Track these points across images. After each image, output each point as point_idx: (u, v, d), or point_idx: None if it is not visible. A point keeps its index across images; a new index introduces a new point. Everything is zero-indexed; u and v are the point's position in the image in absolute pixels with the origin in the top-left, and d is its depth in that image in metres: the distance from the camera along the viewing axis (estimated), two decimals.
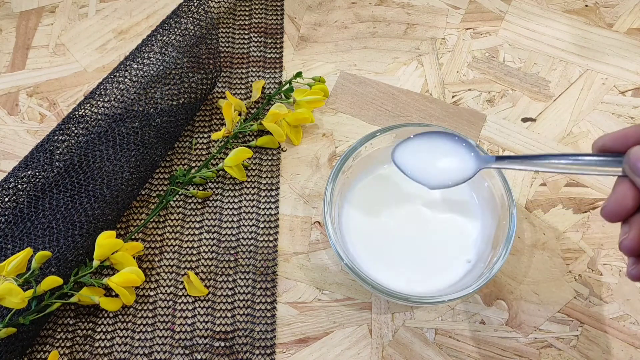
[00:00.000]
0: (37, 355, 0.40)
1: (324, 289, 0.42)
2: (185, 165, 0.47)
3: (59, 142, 0.42)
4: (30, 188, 0.40)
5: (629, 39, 0.53)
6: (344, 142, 0.49)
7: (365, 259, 0.41)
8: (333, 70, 0.52)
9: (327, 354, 0.40)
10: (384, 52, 0.53)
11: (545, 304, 0.42)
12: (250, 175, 0.47)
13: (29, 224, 0.39)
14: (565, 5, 0.56)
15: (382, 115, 0.50)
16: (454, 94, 0.51)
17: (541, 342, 0.40)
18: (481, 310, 0.42)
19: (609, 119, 0.49)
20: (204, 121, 0.50)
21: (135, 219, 0.45)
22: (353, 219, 0.43)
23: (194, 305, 0.42)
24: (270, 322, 0.41)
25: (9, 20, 0.56)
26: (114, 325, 0.41)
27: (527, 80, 0.51)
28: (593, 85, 0.51)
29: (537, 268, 0.43)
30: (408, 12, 0.56)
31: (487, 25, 0.55)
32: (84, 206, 0.40)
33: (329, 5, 0.56)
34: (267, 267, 0.43)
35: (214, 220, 0.45)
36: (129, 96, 0.43)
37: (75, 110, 0.43)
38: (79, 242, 0.39)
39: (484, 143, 0.48)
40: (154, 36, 0.46)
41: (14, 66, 0.53)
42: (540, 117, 0.49)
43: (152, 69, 0.44)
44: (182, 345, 0.40)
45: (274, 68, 0.52)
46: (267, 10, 0.56)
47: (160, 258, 0.44)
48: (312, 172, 0.47)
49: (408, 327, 0.41)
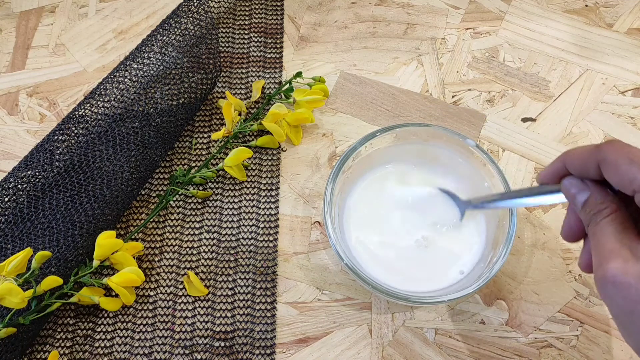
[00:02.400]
0: (37, 355, 0.40)
1: (324, 289, 0.42)
2: (185, 165, 0.47)
3: (59, 142, 0.42)
4: (30, 188, 0.40)
5: (629, 39, 0.53)
6: (344, 142, 0.49)
7: (365, 259, 0.41)
8: (333, 70, 0.52)
9: (327, 354, 0.40)
10: (384, 52, 0.53)
11: (545, 304, 0.42)
12: (250, 175, 0.47)
13: (29, 224, 0.39)
14: (565, 5, 0.56)
15: (382, 115, 0.50)
16: (454, 94, 0.51)
17: (541, 342, 0.40)
18: (481, 310, 0.42)
19: (609, 119, 0.49)
20: (204, 121, 0.50)
21: (135, 219, 0.45)
22: (353, 219, 0.43)
23: (194, 305, 0.42)
24: (270, 322, 0.41)
25: (9, 20, 0.56)
26: (114, 325, 0.41)
27: (527, 80, 0.51)
28: (593, 85, 0.51)
29: (537, 268, 0.43)
30: (408, 12, 0.56)
31: (487, 25, 0.55)
32: (84, 206, 0.40)
33: (329, 5, 0.56)
34: (267, 267, 0.43)
35: (214, 220, 0.45)
36: (129, 96, 0.43)
37: (75, 110, 0.43)
38: (79, 242, 0.39)
39: (484, 143, 0.48)
40: (154, 36, 0.46)
41: (14, 66, 0.53)
42: (540, 117, 0.49)
43: (152, 69, 0.44)
44: (182, 345, 0.40)
45: (274, 68, 0.52)
46: (267, 10, 0.56)
47: (160, 258, 0.44)
48: (312, 172, 0.47)
49: (408, 327, 0.41)
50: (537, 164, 0.47)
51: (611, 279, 0.25)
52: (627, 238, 0.26)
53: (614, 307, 0.26)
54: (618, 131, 0.49)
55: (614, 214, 0.27)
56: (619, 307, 0.26)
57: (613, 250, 0.26)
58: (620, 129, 0.49)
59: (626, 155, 0.26)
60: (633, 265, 0.25)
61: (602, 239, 0.27)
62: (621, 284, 0.25)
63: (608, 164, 0.27)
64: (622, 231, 0.27)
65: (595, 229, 0.28)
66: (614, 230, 0.27)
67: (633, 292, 0.25)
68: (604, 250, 0.26)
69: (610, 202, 0.28)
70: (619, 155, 0.26)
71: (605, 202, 0.28)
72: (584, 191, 0.29)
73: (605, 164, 0.27)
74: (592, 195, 0.29)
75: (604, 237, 0.27)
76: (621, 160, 0.26)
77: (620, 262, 0.25)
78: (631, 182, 0.26)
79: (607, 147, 0.27)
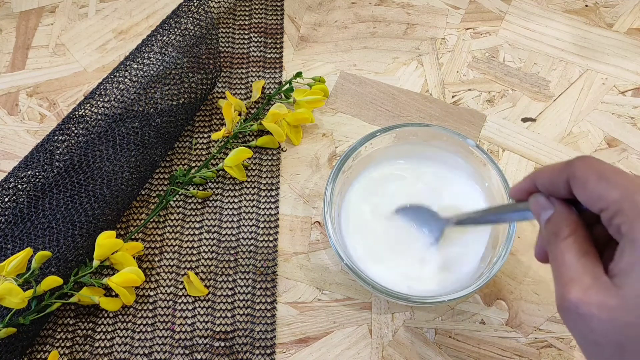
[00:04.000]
0: (37, 355, 0.40)
1: (324, 289, 0.42)
2: (185, 165, 0.47)
3: (59, 142, 0.42)
4: (30, 188, 0.40)
5: (629, 39, 0.53)
6: (344, 142, 0.49)
7: (365, 259, 0.41)
8: (333, 70, 0.52)
9: (327, 354, 0.40)
10: (384, 52, 0.53)
11: (545, 304, 0.42)
12: (250, 175, 0.47)
13: (29, 224, 0.39)
14: (565, 5, 0.56)
15: (382, 115, 0.50)
16: (454, 94, 0.51)
17: (541, 342, 0.40)
18: (481, 310, 0.42)
19: (609, 119, 0.49)
20: (204, 121, 0.50)
21: (135, 219, 0.45)
22: (353, 219, 0.43)
23: (194, 305, 0.42)
24: (270, 322, 0.41)
25: (9, 20, 0.56)
26: (114, 325, 0.41)
27: (527, 80, 0.51)
28: (593, 85, 0.51)
29: (537, 268, 0.43)
30: (408, 12, 0.56)
31: (487, 25, 0.55)
32: (84, 206, 0.40)
33: (329, 5, 0.56)
34: (267, 267, 0.43)
35: (214, 220, 0.45)
36: (129, 96, 0.43)
37: (75, 110, 0.43)
38: (79, 242, 0.39)
39: (484, 143, 0.48)
40: (154, 36, 0.46)
41: (14, 66, 0.53)
42: (540, 117, 0.49)
43: (152, 69, 0.44)
44: (182, 345, 0.40)
45: (274, 68, 0.52)
46: (267, 10, 0.56)
47: (160, 258, 0.44)
48: (312, 172, 0.47)
49: (408, 327, 0.41)
50: (537, 164, 0.47)
51: (573, 309, 0.24)
52: (588, 262, 0.25)
53: (578, 337, 0.25)
54: (618, 131, 0.49)
55: (573, 235, 0.26)
56: (582, 337, 0.24)
57: (573, 277, 0.24)
58: (620, 129, 0.49)
59: (596, 171, 0.25)
60: (595, 293, 0.23)
61: (562, 263, 0.25)
62: (584, 315, 0.23)
63: (577, 180, 0.25)
64: (583, 255, 0.25)
65: (556, 252, 0.26)
66: (574, 253, 0.25)
67: (595, 323, 0.23)
68: (564, 277, 0.25)
69: (572, 221, 0.26)
70: (588, 171, 0.25)
71: (566, 220, 0.26)
72: (548, 209, 0.27)
73: (575, 179, 0.25)
74: (554, 213, 0.27)
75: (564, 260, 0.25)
76: (590, 176, 0.25)
77: (581, 291, 0.24)
78: (599, 199, 0.24)
79: (578, 163, 0.25)
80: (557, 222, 0.27)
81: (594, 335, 0.23)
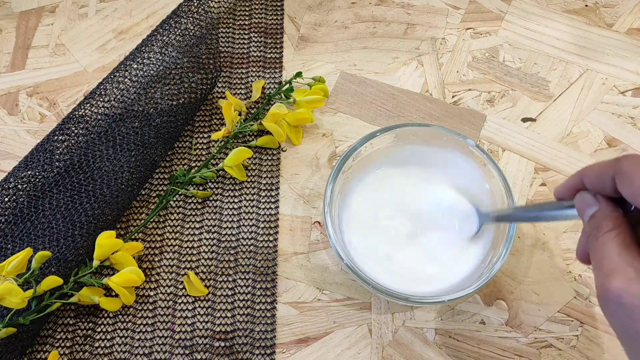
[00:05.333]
0: (37, 355, 0.40)
1: (324, 289, 0.42)
2: (185, 165, 0.47)
3: (59, 142, 0.42)
4: (30, 188, 0.40)
5: (629, 39, 0.53)
6: (344, 142, 0.49)
7: (365, 259, 0.41)
8: (333, 70, 0.52)
9: (327, 354, 0.40)
10: (384, 52, 0.53)
11: (545, 304, 0.42)
12: (250, 175, 0.47)
13: (29, 224, 0.39)
14: (565, 5, 0.56)
15: (382, 115, 0.50)
16: (454, 94, 0.51)
17: (541, 342, 0.40)
18: (481, 310, 0.42)
19: (609, 119, 0.49)
20: (204, 121, 0.50)
21: (135, 219, 0.45)
22: (353, 219, 0.43)
23: (194, 305, 0.42)
24: (270, 322, 0.41)
25: (9, 20, 0.56)
26: (114, 325, 0.41)
27: (527, 80, 0.51)
28: (593, 85, 0.51)
29: (537, 268, 0.43)
30: (408, 12, 0.56)
31: (487, 25, 0.55)
32: (84, 206, 0.40)
33: (329, 5, 0.56)
34: (267, 267, 0.43)
35: (214, 220, 0.45)
36: (129, 96, 0.43)
37: (75, 110, 0.43)
38: (79, 242, 0.39)
39: (484, 143, 0.48)
40: (154, 36, 0.46)
41: (14, 66, 0.53)
42: (540, 117, 0.49)
43: (152, 69, 0.44)
44: (182, 345, 0.40)
45: (274, 68, 0.52)
46: (267, 10, 0.56)
47: (160, 258, 0.44)
48: (312, 172, 0.47)
49: (408, 327, 0.41)
50: (537, 164, 0.47)
51: (615, 299, 0.24)
52: (630, 255, 0.25)
53: (618, 327, 0.25)
54: (618, 131, 0.49)
55: (616, 230, 0.26)
56: (623, 327, 0.25)
57: (615, 268, 0.25)
58: (620, 129, 0.49)
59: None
60: (637, 284, 0.24)
61: (604, 255, 0.26)
62: (626, 305, 0.24)
63: (623, 176, 0.26)
64: (625, 248, 0.25)
65: (596, 244, 0.27)
66: (616, 246, 0.26)
67: (638, 313, 0.23)
68: (605, 267, 0.25)
69: (615, 217, 0.27)
70: (635, 167, 0.25)
71: (610, 216, 0.27)
72: (593, 205, 0.28)
73: (620, 176, 0.26)
74: (599, 210, 0.28)
75: (605, 253, 0.26)
76: (637, 172, 0.25)
77: (624, 281, 0.24)
78: None
79: (625, 159, 0.26)
80: (600, 217, 0.27)
81: (636, 325, 0.24)
